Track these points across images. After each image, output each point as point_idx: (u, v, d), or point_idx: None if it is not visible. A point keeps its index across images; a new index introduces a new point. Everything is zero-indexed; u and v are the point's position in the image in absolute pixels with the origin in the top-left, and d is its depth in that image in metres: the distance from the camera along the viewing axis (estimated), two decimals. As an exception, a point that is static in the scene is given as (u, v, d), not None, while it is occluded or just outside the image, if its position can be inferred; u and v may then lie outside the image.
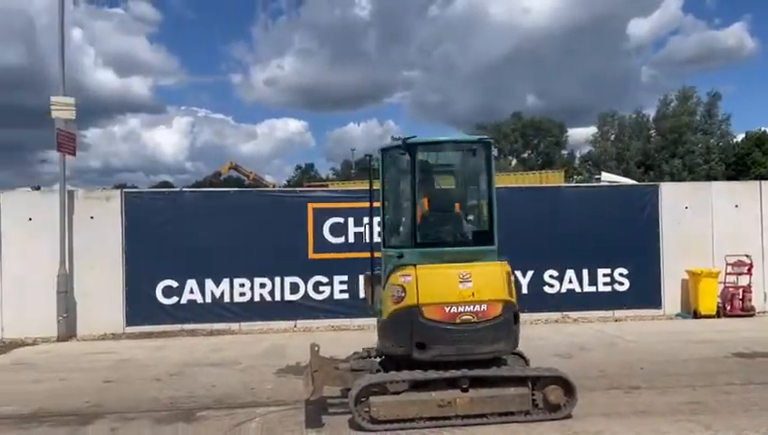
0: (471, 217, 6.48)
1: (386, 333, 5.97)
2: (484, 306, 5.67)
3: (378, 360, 6.30)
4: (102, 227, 11.27)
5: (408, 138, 5.90)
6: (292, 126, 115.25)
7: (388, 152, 6.23)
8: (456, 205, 6.40)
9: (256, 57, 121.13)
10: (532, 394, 5.66)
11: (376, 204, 6.51)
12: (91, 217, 11.30)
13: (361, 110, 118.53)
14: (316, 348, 6.24)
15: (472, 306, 5.65)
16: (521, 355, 6.53)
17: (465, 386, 5.59)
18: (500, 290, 5.78)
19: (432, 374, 5.56)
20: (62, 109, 11.08)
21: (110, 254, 11.18)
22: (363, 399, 5.51)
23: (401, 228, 6.28)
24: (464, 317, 5.63)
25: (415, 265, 5.71)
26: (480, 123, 55.87)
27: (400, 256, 5.85)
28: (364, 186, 7.00)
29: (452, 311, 5.61)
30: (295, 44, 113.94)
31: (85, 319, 11.12)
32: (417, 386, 5.59)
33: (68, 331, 10.93)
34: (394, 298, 5.74)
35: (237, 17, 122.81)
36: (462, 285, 5.66)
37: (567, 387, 5.71)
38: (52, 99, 11.10)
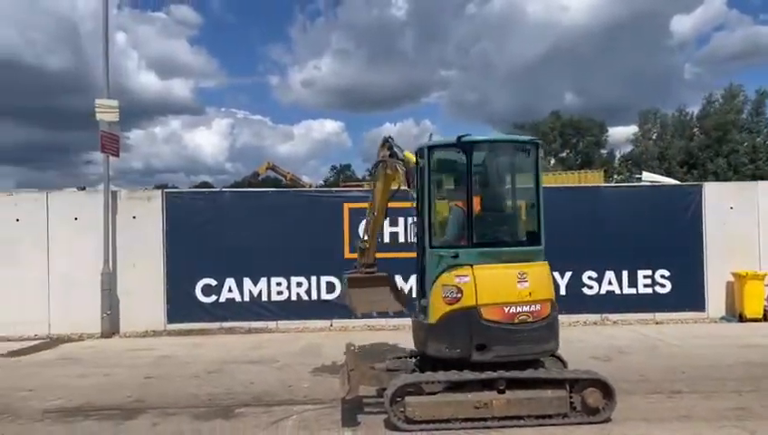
0: (522, 217, 6.42)
1: (437, 335, 5.74)
2: (538, 306, 5.69)
3: (413, 360, 6.30)
4: (144, 226, 11.54)
5: (462, 136, 5.81)
6: (328, 127, 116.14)
7: (437, 150, 6.09)
8: (509, 204, 6.34)
9: (294, 58, 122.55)
10: (570, 397, 5.58)
11: (408, 204, 6.50)
12: (134, 217, 11.58)
13: (398, 110, 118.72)
14: (352, 347, 6.27)
15: (528, 306, 5.65)
16: (559, 358, 6.43)
17: (501, 388, 5.54)
18: (550, 290, 5.87)
19: (468, 375, 5.53)
20: (106, 111, 11.38)
21: (152, 253, 11.43)
22: (399, 399, 5.51)
23: (450, 228, 6.12)
24: (521, 317, 5.61)
25: (471, 265, 5.63)
26: (518, 122, 55.23)
27: (455, 256, 5.71)
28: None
29: (511, 311, 5.58)
30: (332, 45, 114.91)
31: (128, 316, 11.41)
32: (452, 387, 5.57)
33: (111, 327, 11.23)
34: (448, 299, 5.63)
35: (276, 19, 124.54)
36: (520, 285, 5.64)
37: (606, 390, 5.61)
38: (97, 102, 11.41)
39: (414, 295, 6.90)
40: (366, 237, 7.56)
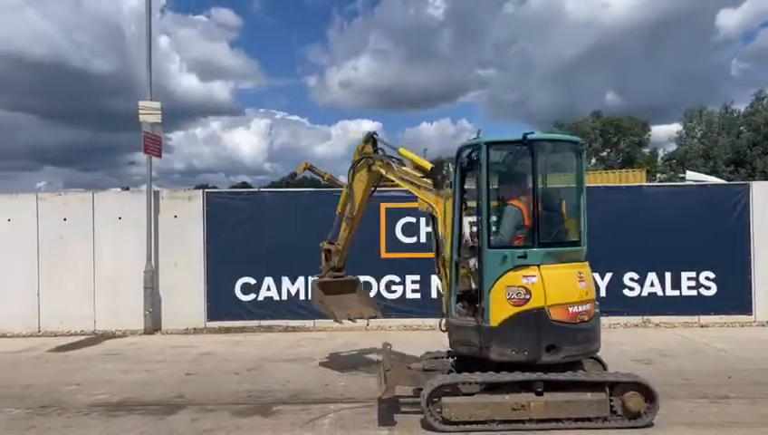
0: (572, 218, 6.30)
1: (501, 338, 5.56)
2: (590, 305, 5.71)
3: (450, 360, 6.26)
4: (185, 225, 11.77)
5: (528, 133, 5.72)
6: (365, 127, 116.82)
7: (496, 147, 5.93)
8: (563, 204, 6.25)
9: (332, 59, 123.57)
10: (611, 400, 5.47)
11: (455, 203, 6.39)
12: (175, 217, 11.82)
13: (435, 109, 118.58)
14: (389, 347, 6.27)
15: (586, 305, 5.66)
16: (598, 360, 6.32)
17: (539, 390, 5.47)
18: (594, 289, 5.90)
19: (506, 377, 5.48)
20: (149, 113, 11.65)
21: (193, 252, 11.65)
22: (436, 399, 5.49)
23: (506, 227, 5.94)
24: (581, 317, 5.61)
25: (538, 266, 5.55)
26: (558, 121, 54.36)
27: (523, 256, 5.58)
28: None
29: (573, 311, 5.58)
30: (370, 45, 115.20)
31: (169, 314, 11.66)
32: (490, 388, 5.52)
33: (153, 325, 11.49)
34: (514, 300, 5.52)
35: (314, 20, 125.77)
36: (580, 285, 5.65)
37: (648, 394, 5.49)
38: (140, 103, 11.69)
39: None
40: (337, 240, 7.75)
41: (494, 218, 5.92)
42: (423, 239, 11.43)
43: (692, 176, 19.15)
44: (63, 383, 7.74)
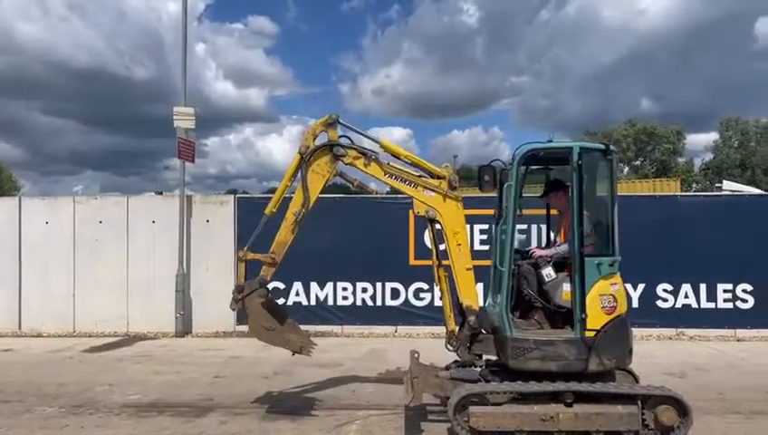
0: None
1: (599, 348, 5.48)
2: None
3: (478, 369, 6.20)
4: (217, 230, 11.92)
5: (606, 143, 5.77)
6: (396, 134, 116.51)
7: (586, 153, 5.71)
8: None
9: (365, 67, 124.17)
10: (642, 413, 5.36)
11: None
12: (207, 221, 11.99)
13: (467, 117, 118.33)
14: (416, 355, 6.24)
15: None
16: (630, 372, 6.19)
17: (569, 401, 5.40)
18: None
19: (535, 386, 5.41)
20: (184, 118, 11.85)
21: (224, 256, 11.78)
22: (463, 408, 5.46)
23: (590, 236, 5.84)
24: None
25: (617, 274, 5.69)
26: (589, 130, 53.79)
27: (612, 265, 5.67)
28: (467, 193, 6.73)
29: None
30: (403, 53, 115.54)
31: (199, 317, 11.81)
32: (518, 398, 5.45)
33: (184, 327, 11.66)
34: (606, 309, 5.57)
35: (348, 28, 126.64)
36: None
37: (681, 408, 5.36)
38: (175, 109, 11.89)
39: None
40: (270, 249, 6.62)
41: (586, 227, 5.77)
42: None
43: (729, 186, 18.73)
44: (96, 383, 7.89)
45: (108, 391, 7.54)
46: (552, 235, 6.78)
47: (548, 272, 5.83)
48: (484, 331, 5.94)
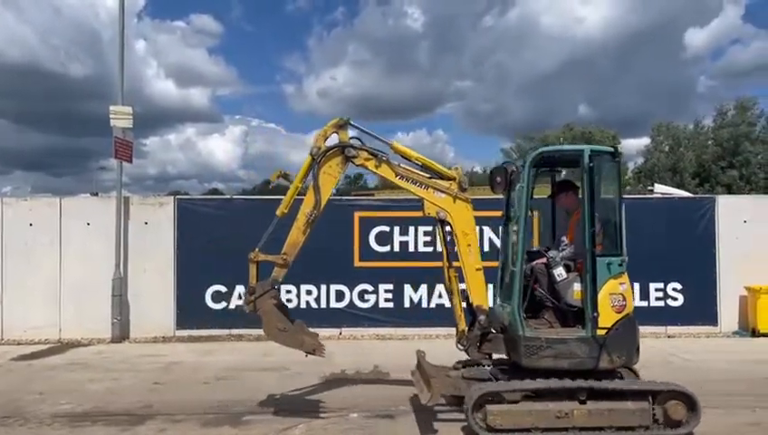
0: None
1: (610, 346, 5.63)
2: None
3: (489, 368, 6.15)
4: (155, 232, 11.57)
5: (615, 146, 5.83)
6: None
7: (595, 155, 5.80)
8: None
9: (310, 68, 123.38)
10: (653, 409, 5.51)
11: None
12: (145, 223, 11.63)
13: (412, 120, 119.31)
14: (422, 354, 6.23)
15: None
16: (632, 369, 6.30)
17: (582, 398, 5.48)
18: None
19: (552, 383, 5.47)
20: (121, 117, 11.46)
21: (163, 259, 11.46)
22: (480, 407, 5.46)
23: (599, 236, 5.91)
24: None
25: (625, 273, 5.79)
26: (527, 134, 55.14)
27: (621, 265, 5.78)
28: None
29: None
30: (349, 55, 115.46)
31: (137, 322, 11.43)
32: (533, 396, 5.51)
33: (121, 333, 11.26)
34: (616, 308, 5.68)
35: (293, 29, 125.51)
36: None
37: (690, 402, 5.52)
38: (111, 108, 11.49)
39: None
40: (282, 250, 6.66)
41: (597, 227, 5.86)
42: (397, 248, 11.47)
43: (660, 189, 19.51)
44: (26, 393, 7.51)
45: (38, 400, 7.19)
46: (557, 235, 6.77)
47: (559, 272, 5.93)
48: (494, 330, 6.04)
